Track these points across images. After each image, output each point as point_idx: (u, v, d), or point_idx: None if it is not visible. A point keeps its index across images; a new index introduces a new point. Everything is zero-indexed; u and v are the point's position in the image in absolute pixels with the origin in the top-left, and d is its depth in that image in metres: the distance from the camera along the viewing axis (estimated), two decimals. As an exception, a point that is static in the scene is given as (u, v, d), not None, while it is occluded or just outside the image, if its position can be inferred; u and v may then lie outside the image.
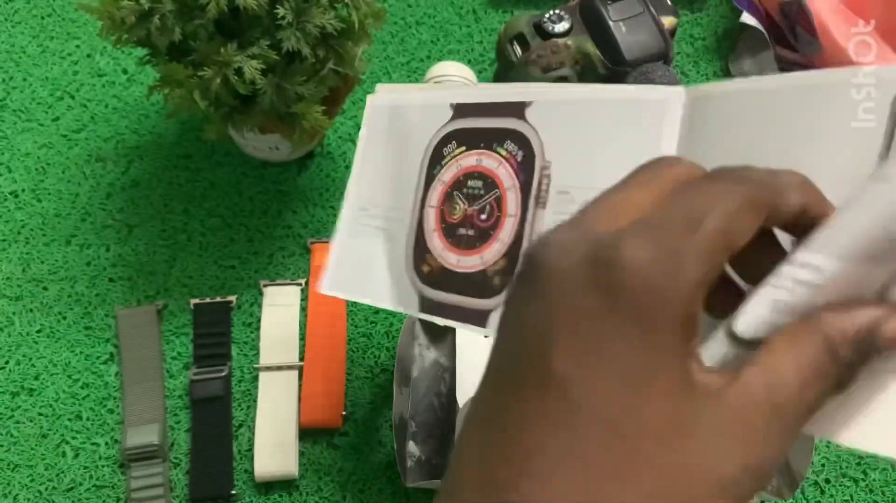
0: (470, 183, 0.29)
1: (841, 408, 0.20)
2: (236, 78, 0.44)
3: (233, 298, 0.56)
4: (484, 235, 0.28)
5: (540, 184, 0.27)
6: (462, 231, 0.29)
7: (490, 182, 0.29)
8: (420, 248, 0.30)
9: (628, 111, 0.26)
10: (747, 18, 0.65)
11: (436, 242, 0.30)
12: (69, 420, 0.53)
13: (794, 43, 0.65)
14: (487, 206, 0.29)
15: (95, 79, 0.65)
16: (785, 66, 0.65)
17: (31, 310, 0.56)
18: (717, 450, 0.18)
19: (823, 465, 0.54)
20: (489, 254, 0.28)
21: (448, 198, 0.30)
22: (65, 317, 0.56)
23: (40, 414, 0.53)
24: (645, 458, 0.18)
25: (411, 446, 0.50)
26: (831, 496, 0.53)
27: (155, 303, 0.56)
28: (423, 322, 0.53)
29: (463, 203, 0.30)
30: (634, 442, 0.18)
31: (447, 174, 0.30)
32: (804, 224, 0.21)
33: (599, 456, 0.18)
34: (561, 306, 0.19)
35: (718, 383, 0.19)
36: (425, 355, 0.52)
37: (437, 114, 0.31)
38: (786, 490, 0.47)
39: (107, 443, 0.53)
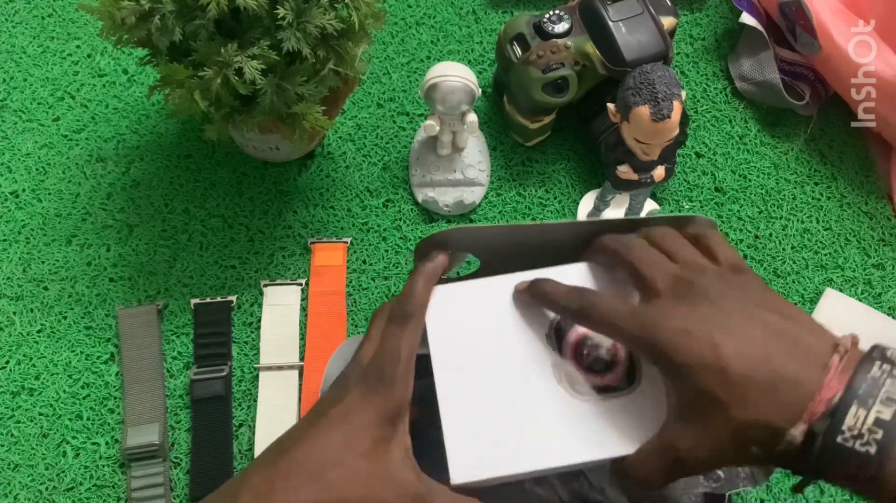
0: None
1: None
2: (237, 78, 0.45)
3: (233, 298, 0.56)
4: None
5: None
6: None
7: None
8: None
9: None
10: (747, 19, 0.65)
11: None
12: (69, 420, 0.53)
13: (794, 43, 0.65)
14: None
15: (96, 79, 0.65)
16: (785, 66, 0.65)
17: (31, 310, 0.56)
18: None
19: (823, 465, 0.54)
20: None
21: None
22: (65, 317, 0.56)
23: (41, 413, 0.53)
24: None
25: None
26: (831, 496, 0.53)
27: (155, 303, 0.56)
28: None
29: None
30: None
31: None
32: None
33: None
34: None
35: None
36: None
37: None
38: (759, 475, 0.47)
39: (107, 443, 0.53)
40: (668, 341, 0.35)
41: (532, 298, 0.41)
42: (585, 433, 0.39)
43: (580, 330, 0.42)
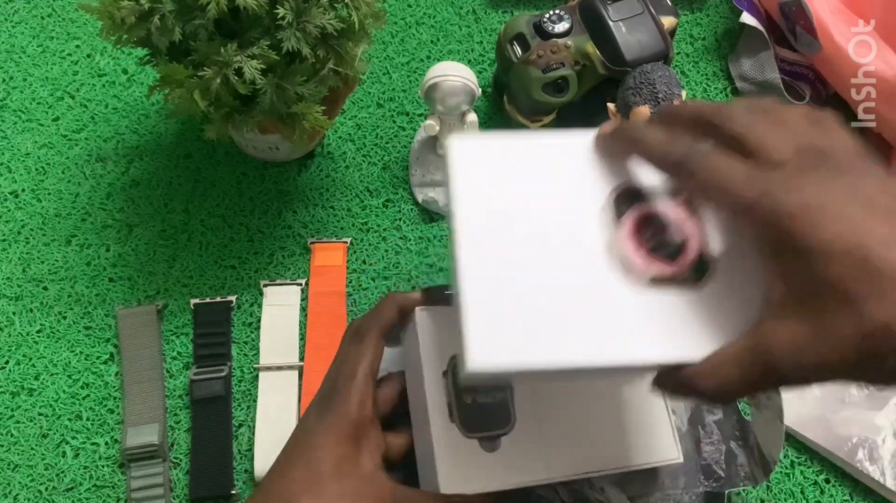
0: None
1: None
2: (236, 78, 0.44)
3: (233, 298, 0.56)
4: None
5: None
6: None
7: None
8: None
9: None
10: (747, 18, 0.65)
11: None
12: (69, 420, 0.53)
13: (794, 43, 0.65)
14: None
15: (95, 79, 0.65)
16: (785, 65, 0.65)
17: (31, 310, 0.56)
18: None
19: (823, 465, 0.54)
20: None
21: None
22: (65, 317, 0.56)
23: (40, 414, 0.53)
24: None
25: None
26: (831, 496, 0.53)
27: (155, 302, 0.56)
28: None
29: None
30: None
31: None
32: None
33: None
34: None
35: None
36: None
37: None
38: (759, 474, 0.47)
39: (107, 443, 0.53)
40: (796, 215, 0.27)
41: (617, 144, 0.33)
42: (639, 330, 0.32)
43: (647, 204, 0.34)
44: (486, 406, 0.40)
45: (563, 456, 0.41)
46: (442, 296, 0.41)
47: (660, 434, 0.45)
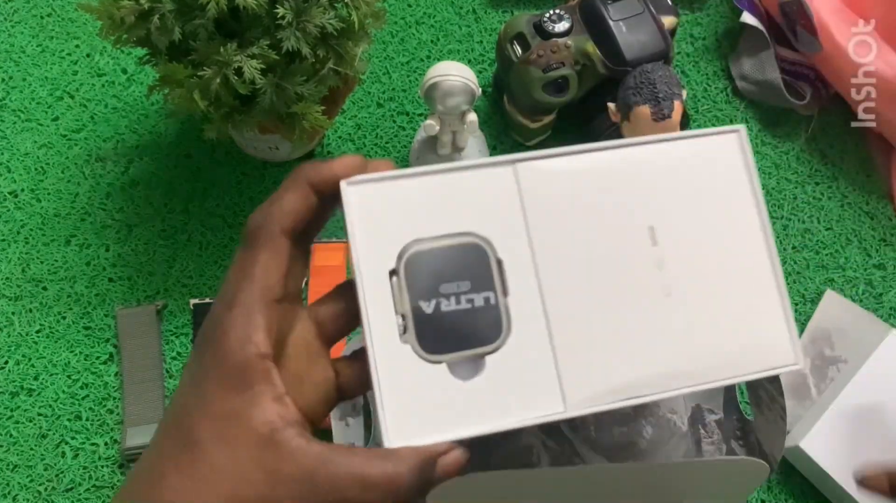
0: None
1: None
2: (236, 78, 0.44)
3: (233, 298, 0.56)
4: None
5: None
6: None
7: None
8: None
9: None
10: (747, 18, 0.65)
11: None
12: (69, 420, 0.53)
13: (795, 43, 0.65)
14: None
15: (95, 78, 0.65)
16: (786, 65, 0.65)
17: (30, 311, 0.56)
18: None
19: (824, 465, 0.54)
20: None
21: None
22: (64, 317, 0.56)
23: (40, 414, 0.53)
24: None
25: None
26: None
27: (155, 303, 0.56)
28: None
29: None
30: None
31: None
32: None
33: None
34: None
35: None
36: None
37: None
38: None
39: (106, 444, 0.53)
40: None
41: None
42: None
43: None
44: (459, 314, 0.27)
45: (592, 376, 0.28)
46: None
47: (765, 329, 0.30)
